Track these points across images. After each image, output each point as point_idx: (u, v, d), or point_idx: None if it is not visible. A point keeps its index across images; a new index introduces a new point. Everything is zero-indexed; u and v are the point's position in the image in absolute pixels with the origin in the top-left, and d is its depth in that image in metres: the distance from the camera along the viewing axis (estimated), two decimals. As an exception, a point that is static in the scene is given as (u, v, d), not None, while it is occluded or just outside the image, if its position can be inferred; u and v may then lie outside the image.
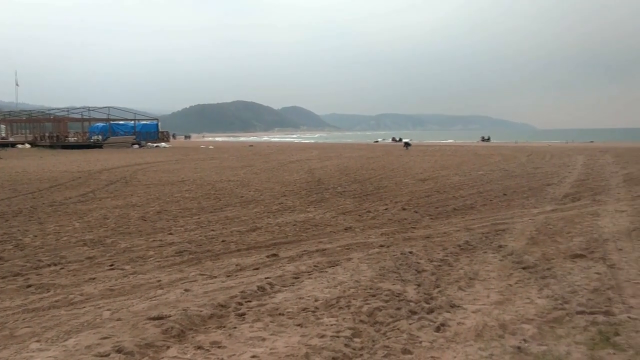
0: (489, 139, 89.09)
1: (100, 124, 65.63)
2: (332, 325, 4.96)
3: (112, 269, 7.60)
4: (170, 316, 5.16)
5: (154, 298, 6.03)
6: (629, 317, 4.76)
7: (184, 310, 5.37)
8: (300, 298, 5.85)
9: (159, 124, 70.58)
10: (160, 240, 9.53)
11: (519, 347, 4.21)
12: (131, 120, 67.21)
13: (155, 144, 61.42)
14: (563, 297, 5.51)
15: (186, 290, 6.33)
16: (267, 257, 8.05)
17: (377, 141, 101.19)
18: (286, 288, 6.31)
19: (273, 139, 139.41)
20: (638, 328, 4.49)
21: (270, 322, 5.13)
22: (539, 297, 5.59)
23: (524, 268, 6.86)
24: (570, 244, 8.27)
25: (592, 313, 4.94)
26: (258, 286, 6.32)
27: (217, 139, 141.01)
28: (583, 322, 4.72)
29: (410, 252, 7.93)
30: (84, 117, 66.01)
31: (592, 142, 78.69)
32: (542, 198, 13.79)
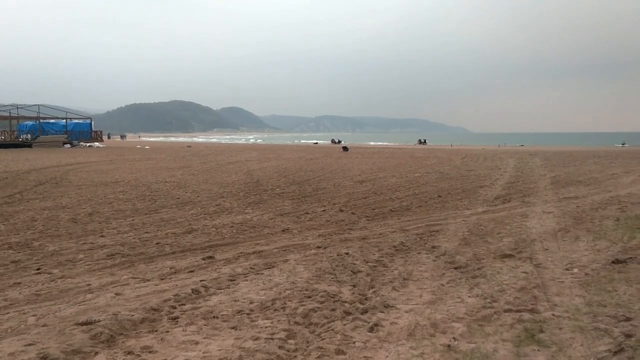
0: (425, 142, 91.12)
1: (30, 123, 63.07)
2: (266, 327, 4.95)
3: (39, 273, 7.32)
4: (99, 321, 5.01)
5: (83, 303, 5.84)
6: (553, 315, 4.95)
7: (114, 314, 5.22)
8: (235, 300, 5.80)
9: (92, 123, 68.51)
10: (92, 243, 9.24)
11: (448, 346, 4.31)
12: (63, 119, 64.91)
13: (88, 144, 59.60)
14: (492, 295, 5.69)
15: (117, 294, 6.16)
16: (203, 259, 7.94)
17: (316, 143, 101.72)
18: (221, 291, 6.24)
19: (212, 140, 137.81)
20: (561, 325, 4.67)
21: (204, 325, 5.06)
22: (469, 296, 5.74)
23: (455, 268, 7.03)
24: (500, 244, 8.55)
25: (518, 311, 5.12)
26: (192, 289, 6.23)
27: (154, 139, 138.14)
28: (510, 319, 4.88)
29: (347, 253, 8.00)
30: (12, 115, 63.19)
31: (522, 145, 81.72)
32: (474, 200, 14.18)
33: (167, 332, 4.89)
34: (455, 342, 4.38)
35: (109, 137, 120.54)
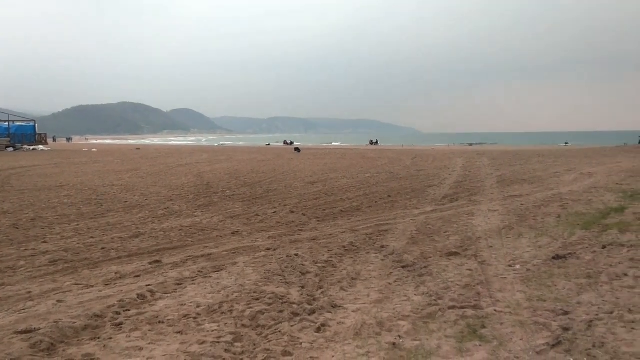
0: (377, 142, 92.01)
1: (-32, 126, 60.72)
2: (213, 331, 4.90)
3: (-23, 282, 7.04)
4: (39, 329, 4.87)
5: (23, 311, 5.66)
6: (495, 310, 5.08)
7: (55, 322, 5.08)
8: (182, 305, 5.73)
9: (36, 125, 66.42)
10: (33, 249, 8.95)
11: (394, 344, 4.37)
12: (5, 121, 62.69)
13: (32, 147, 57.71)
14: (437, 293, 5.79)
15: (59, 301, 5.99)
16: (150, 263, 7.80)
17: (268, 144, 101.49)
18: (168, 295, 6.15)
19: (162, 142, 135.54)
20: (503, 320, 4.80)
21: (149, 330, 4.98)
22: (415, 294, 5.83)
23: (403, 267, 7.13)
24: (446, 242, 8.71)
25: (462, 307, 5.22)
26: (138, 294, 6.12)
27: (101, 141, 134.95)
28: (454, 316, 4.98)
29: (296, 255, 8.01)
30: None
31: (471, 145, 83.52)
32: (423, 199, 14.40)
33: (110, 338, 4.78)
34: (401, 340, 4.44)
35: (54, 140, 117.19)
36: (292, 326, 4.95)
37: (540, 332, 4.43)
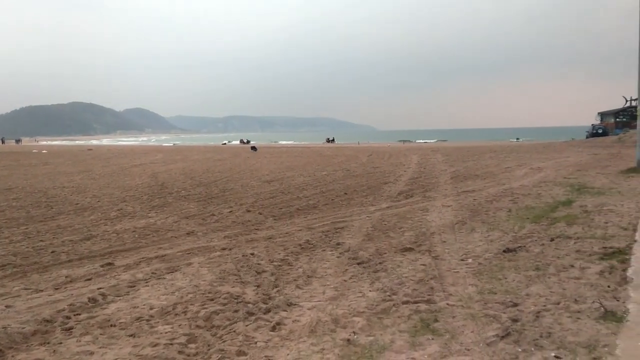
0: (333, 140, 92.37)
1: None
2: (166, 332, 4.84)
3: None
4: (-14, 336, 4.71)
5: (-32, 318, 5.47)
6: (447, 304, 5.16)
7: (3, 328, 4.94)
8: (134, 307, 5.63)
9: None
10: (-20, 254, 8.66)
11: (348, 340, 4.40)
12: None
13: (-22, 149, 55.77)
14: (391, 289, 5.86)
15: (7, 306, 5.82)
16: (102, 266, 7.64)
17: (224, 143, 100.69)
18: (120, 298, 6.05)
19: (115, 143, 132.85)
20: (455, 314, 4.88)
21: (101, 334, 4.88)
22: (370, 291, 5.88)
23: (358, 263, 7.18)
24: (401, 238, 8.81)
25: (415, 302, 5.30)
26: (89, 297, 5.99)
27: (52, 142, 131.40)
28: (407, 311, 5.05)
29: (252, 254, 7.98)
30: None
31: (426, 142, 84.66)
32: (379, 196, 14.53)
33: (60, 343, 4.67)
34: (355, 336, 4.47)
35: (2, 142, 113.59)
36: (247, 326, 4.93)
37: (491, 324, 4.53)
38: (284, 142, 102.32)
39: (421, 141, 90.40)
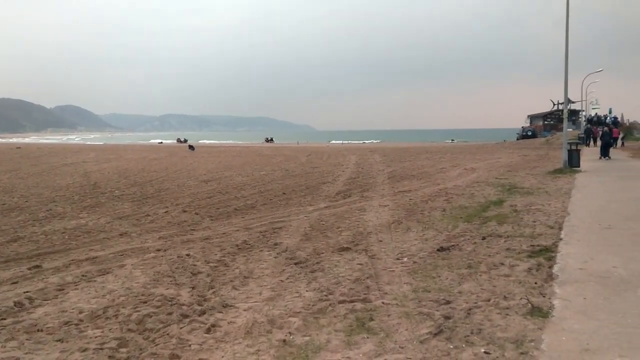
0: (272, 140, 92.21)
1: None
2: (96, 337, 4.68)
3: None
4: None
5: None
6: (382, 303, 5.22)
7: None
8: (63, 311, 5.42)
9: None
10: None
11: (284, 340, 4.37)
12: None
13: None
14: (328, 288, 5.88)
15: None
16: (29, 269, 7.33)
17: (161, 142, 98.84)
18: (48, 302, 5.81)
19: (45, 141, 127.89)
20: (390, 312, 4.94)
21: (27, 339, 4.67)
22: (307, 291, 5.88)
23: (296, 264, 7.17)
24: (339, 238, 8.87)
25: (352, 301, 5.33)
26: (15, 302, 5.75)
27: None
28: (343, 310, 5.07)
29: (188, 255, 7.85)
30: None
31: (364, 142, 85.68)
32: (317, 196, 14.58)
33: (-18, 351, 4.44)
34: (291, 337, 4.45)
35: None
36: (181, 328, 4.83)
37: (424, 321, 4.61)
38: (221, 142, 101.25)
39: (360, 142, 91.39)
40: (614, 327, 4.16)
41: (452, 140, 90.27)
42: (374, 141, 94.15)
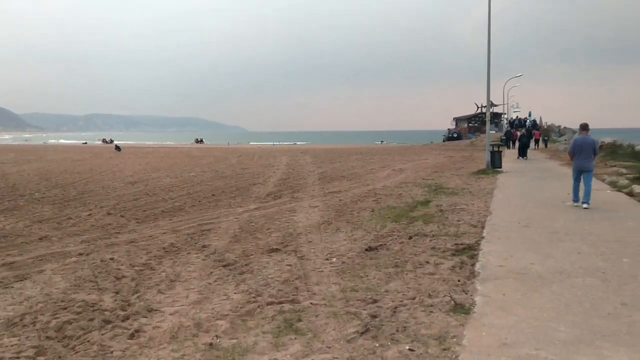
0: (202, 141, 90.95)
1: None
2: (12, 345, 4.46)
3: None
4: None
5: None
6: (311, 304, 5.23)
7: None
8: (-25, 320, 5.14)
9: None
10: None
11: (210, 344, 4.30)
12: None
13: None
14: (257, 290, 5.83)
15: None
16: (-62, 276, 6.90)
17: (85, 143, 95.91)
18: (-42, 311, 5.49)
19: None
20: (318, 313, 4.96)
21: None
22: (235, 293, 5.82)
23: (224, 266, 7.09)
24: (268, 239, 8.83)
25: (280, 303, 5.31)
26: None
27: None
28: (272, 312, 5.05)
29: (112, 259, 7.61)
30: None
31: (295, 143, 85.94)
32: (247, 197, 14.49)
33: None
34: (218, 340, 4.39)
35: None
36: (102, 334, 4.67)
37: (352, 321, 4.65)
38: (149, 143, 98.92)
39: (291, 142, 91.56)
40: (531, 321, 4.34)
41: (382, 141, 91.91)
42: (298, 143, 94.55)
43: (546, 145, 37.35)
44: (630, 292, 5.07)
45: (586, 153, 10.58)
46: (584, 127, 10.98)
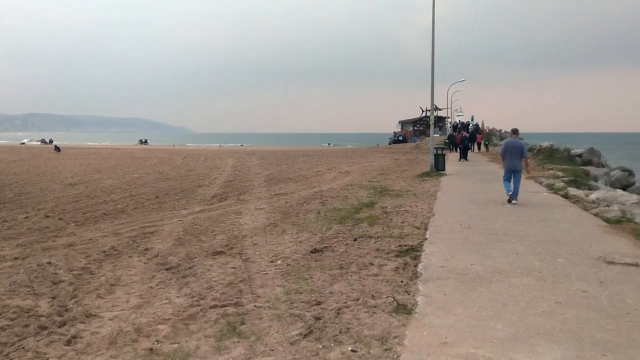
0: (146, 142, 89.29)
1: None
2: (-61, 356, 4.25)
3: None
4: None
5: None
6: (255, 306, 5.20)
7: None
8: None
9: None
10: None
11: (151, 349, 4.22)
12: None
13: None
14: (200, 293, 5.75)
15: None
16: None
17: (23, 143, 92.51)
18: None
19: None
20: (262, 315, 4.93)
21: None
22: (177, 296, 5.72)
23: (167, 269, 6.96)
24: (213, 242, 8.73)
25: (223, 306, 5.25)
26: None
27: None
28: (215, 315, 4.99)
29: (49, 263, 7.35)
30: None
31: (242, 145, 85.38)
32: (192, 199, 14.29)
33: None
34: (158, 345, 4.31)
35: None
36: (38, 341, 4.51)
37: (295, 323, 4.65)
38: (91, 143, 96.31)
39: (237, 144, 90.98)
40: (470, 320, 4.45)
41: (329, 144, 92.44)
42: (245, 144, 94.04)
43: (487, 149, 38.39)
44: (564, 291, 5.26)
45: (515, 155, 11.66)
46: (514, 132, 12.27)
